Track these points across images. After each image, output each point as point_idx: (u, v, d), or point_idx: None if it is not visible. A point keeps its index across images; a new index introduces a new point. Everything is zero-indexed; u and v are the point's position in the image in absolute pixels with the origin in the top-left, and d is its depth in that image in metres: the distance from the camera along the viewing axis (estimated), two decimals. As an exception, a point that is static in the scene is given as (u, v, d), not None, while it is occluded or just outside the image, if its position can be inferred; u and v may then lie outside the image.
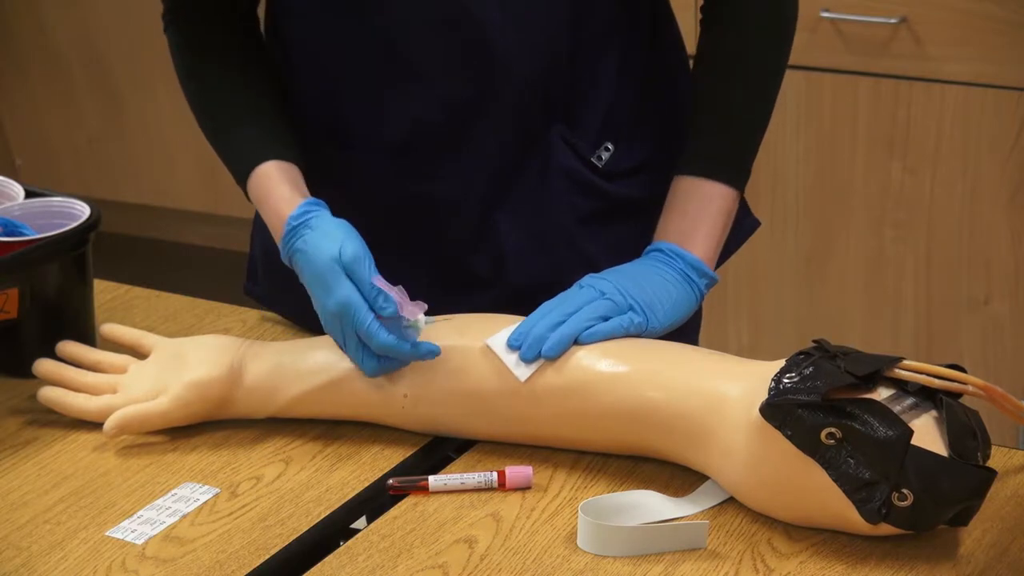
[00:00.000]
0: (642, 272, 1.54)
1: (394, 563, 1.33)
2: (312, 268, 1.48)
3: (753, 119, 1.61)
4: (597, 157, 1.62)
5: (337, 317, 1.46)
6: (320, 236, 1.48)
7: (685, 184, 1.59)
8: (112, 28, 4.11)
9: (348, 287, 1.45)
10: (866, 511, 1.29)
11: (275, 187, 1.55)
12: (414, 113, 1.58)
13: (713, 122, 1.60)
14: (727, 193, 1.59)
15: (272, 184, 1.55)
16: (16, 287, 1.60)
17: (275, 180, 1.55)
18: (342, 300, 1.44)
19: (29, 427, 1.57)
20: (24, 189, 1.73)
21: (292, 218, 1.51)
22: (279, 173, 1.56)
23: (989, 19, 2.75)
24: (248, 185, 1.58)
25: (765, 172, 2.99)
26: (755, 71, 1.61)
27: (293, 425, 1.54)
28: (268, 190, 1.55)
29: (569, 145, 1.60)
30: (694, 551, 1.33)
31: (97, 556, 1.36)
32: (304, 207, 1.51)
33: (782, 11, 1.61)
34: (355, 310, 1.44)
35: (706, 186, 1.58)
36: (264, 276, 1.74)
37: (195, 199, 4.21)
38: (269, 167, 1.56)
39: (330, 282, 1.45)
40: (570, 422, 1.45)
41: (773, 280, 3.06)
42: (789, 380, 1.32)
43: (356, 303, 1.44)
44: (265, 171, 1.56)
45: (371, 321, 1.43)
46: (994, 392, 1.36)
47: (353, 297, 1.44)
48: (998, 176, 2.81)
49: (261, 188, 1.56)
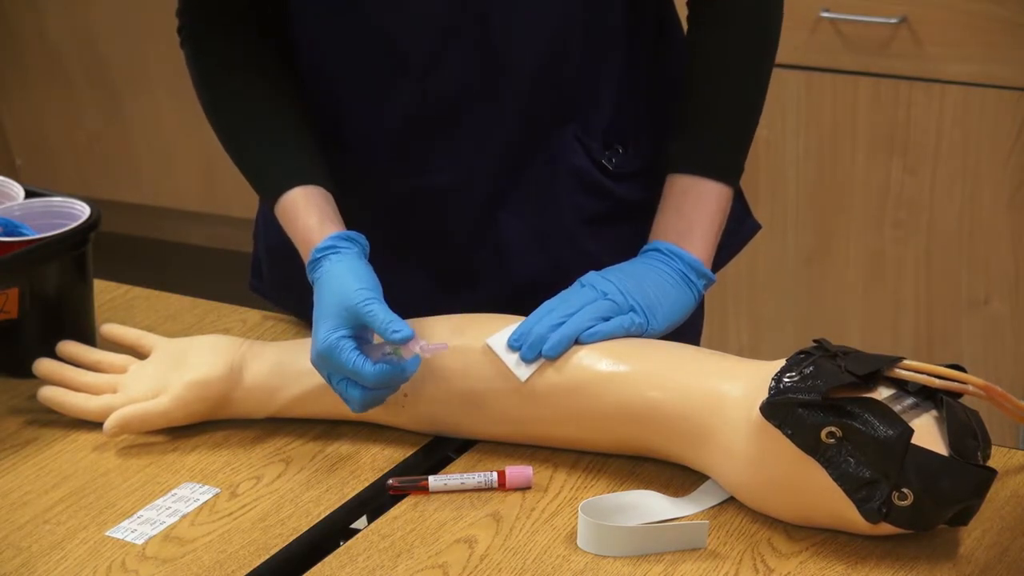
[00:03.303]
0: (642, 272, 1.54)
1: (394, 563, 1.33)
2: (317, 305, 1.46)
3: (745, 115, 1.62)
4: (608, 158, 1.62)
5: (321, 356, 1.44)
6: (331, 277, 1.47)
7: (680, 183, 1.59)
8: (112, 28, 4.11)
9: (336, 330, 1.43)
10: (866, 510, 1.29)
11: (302, 216, 1.53)
12: (411, 107, 1.57)
13: (705, 120, 1.60)
14: (722, 191, 1.59)
15: (299, 213, 1.53)
16: (16, 287, 1.60)
17: (302, 209, 1.53)
18: (330, 341, 1.43)
19: (29, 427, 1.57)
20: (24, 189, 1.73)
21: (316, 250, 1.50)
22: (305, 201, 1.54)
23: (989, 19, 2.75)
24: (276, 212, 1.56)
25: (765, 172, 2.99)
26: (745, 68, 1.61)
27: (293, 425, 1.54)
28: (295, 218, 1.54)
29: (582, 145, 1.60)
30: (694, 551, 1.33)
31: (97, 556, 1.36)
32: (330, 241, 1.49)
33: (768, 6, 1.61)
34: (339, 350, 1.42)
35: (701, 184, 1.58)
36: (268, 273, 1.74)
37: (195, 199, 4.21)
38: (296, 195, 1.54)
39: (323, 322, 1.44)
40: (570, 422, 1.45)
41: (773, 280, 3.06)
42: (789, 379, 1.32)
43: (340, 344, 1.42)
44: (292, 199, 1.54)
45: (356, 357, 1.42)
46: (994, 392, 1.36)
47: (338, 339, 1.43)
48: (998, 176, 2.81)
49: (288, 216, 1.54)
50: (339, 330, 1.43)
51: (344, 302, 1.43)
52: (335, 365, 1.43)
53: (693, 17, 1.61)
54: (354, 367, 1.41)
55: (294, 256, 1.54)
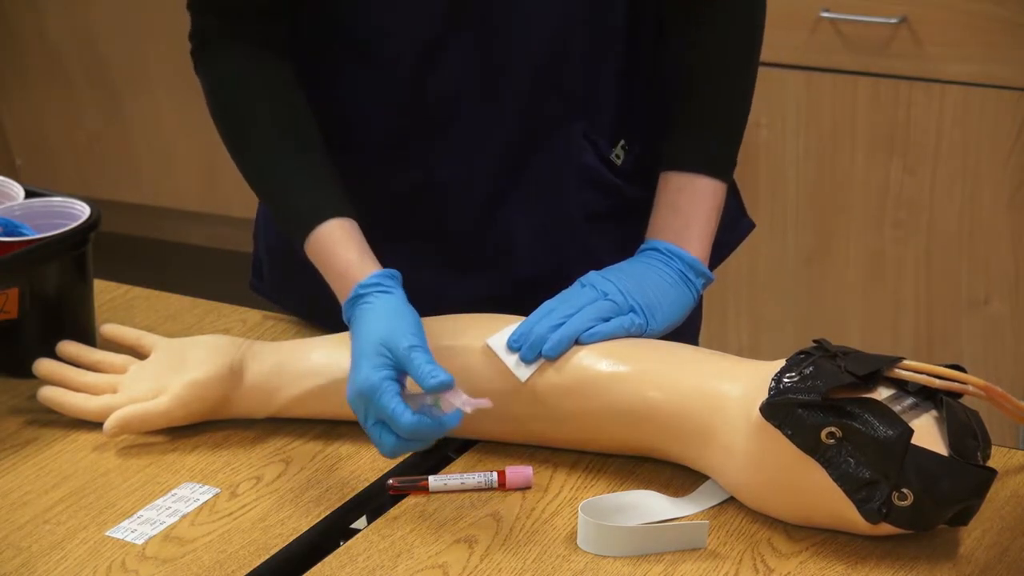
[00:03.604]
0: (642, 272, 1.54)
1: (394, 563, 1.33)
2: (358, 341, 1.42)
3: (736, 111, 1.63)
4: (615, 155, 1.62)
5: (362, 395, 1.38)
6: (377, 315, 1.43)
7: (675, 180, 1.59)
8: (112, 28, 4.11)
9: (380, 370, 1.38)
10: (866, 510, 1.29)
11: (341, 251, 1.48)
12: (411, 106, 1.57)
13: (697, 117, 1.60)
14: (717, 187, 1.59)
15: (337, 247, 1.49)
16: (16, 287, 1.60)
17: (340, 243, 1.49)
18: (371, 380, 1.37)
19: (29, 427, 1.57)
20: (24, 189, 1.73)
21: (360, 286, 1.45)
22: (342, 233, 1.49)
23: (989, 19, 2.75)
24: (310, 243, 1.50)
25: (765, 172, 2.99)
26: (734, 64, 1.62)
27: (293, 425, 1.54)
28: (333, 253, 1.49)
29: (590, 142, 1.60)
30: (694, 551, 1.33)
31: (97, 556, 1.36)
32: (376, 278, 1.45)
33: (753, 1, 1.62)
34: (381, 392, 1.37)
35: (696, 181, 1.59)
36: (269, 273, 1.74)
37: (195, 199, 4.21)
38: (332, 227, 1.49)
39: (366, 360, 1.40)
40: (570, 422, 1.45)
41: (773, 280, 3.06)
42: (789, 380, 1.32)
43: (383, 385, 1.37)
44: (328, 232, 1.49)
45: (396, 403, 1.36)
46: (994, 392, 1.36)
47: (381, 379, 1.38)
48: (998, 176, 2.81)
49: (325, 248, 1.49)
50: (383, 370, 1.38)
51: (389, 342, 1.39)
52: (374, 406, 1.37)
53: (680, 10, 1.61)
54: (393, 413, 1.36)
55: (295, 256, 1.54)
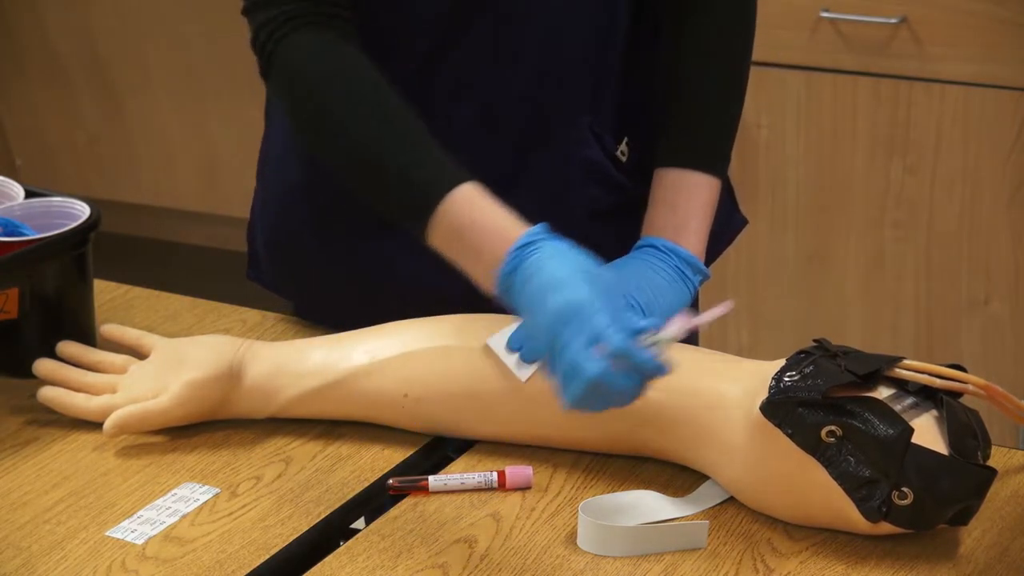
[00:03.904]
0: (642, 271, 1.54)
1: (394, 563, 1.33)
2: (548, 272, 1.31)
3: (728, 106, 1.63)
4: (620, 152, 1.62)
5: (561, 318, 1.27)
6: (566, 249, 1.34)
7: (671, 176, 1.60)
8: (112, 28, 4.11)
9: (586, 289, 1.27)
10: (866, 509, 1.29)
11: (489, 207, 1.39)
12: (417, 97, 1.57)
13: (690, 113, 1.61)
14: (712, 183, 1.60)
15: (485, 204, 1.40)
16: (16, 287, 1.60)
17: (485, 201, 1.40)
18: (578, 297, 1.27)
19: (29, 427, 1.57)
20: (24, 189, 1.73)
21: (530, 234, 1.35)
22: (481, 194, 1.40)
23: (989, 19, 2.75)
24: (441, 214, 1.39)
25: (765, 172, 2.99)
26: (725, 58, 1.62)
27: (293, 425, 1.54)
28: (481, 209, 1.40)
29: (596, 136, 1.60)
30: (694, 551, 1.33)
31: (97, 556, 1.36)
32: (544, 227, 1.37)
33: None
34: (591, 309, 1.25)
35: (692, 177, 1.59)
36: (269, 265, 1.73)
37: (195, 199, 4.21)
38: (468, 190, 1.40)
39: (567, 282, 1.29)
40: (570, 422, 1.44)
41: (773, 280, 3.06)
42: (789, 379, 1.32)
43: (593, 302, 1.26)
44: (467, 194, 1.40)
45: (608, 324, 1.24)
46: (994, 392, 1.36)
47: (591, 295, 1.27)
48: (998, 176, 2.81)
49: (467, 210, 1.39)
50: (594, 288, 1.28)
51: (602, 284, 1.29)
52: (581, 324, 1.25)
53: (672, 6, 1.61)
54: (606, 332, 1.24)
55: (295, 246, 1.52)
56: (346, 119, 1.44)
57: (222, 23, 3.89)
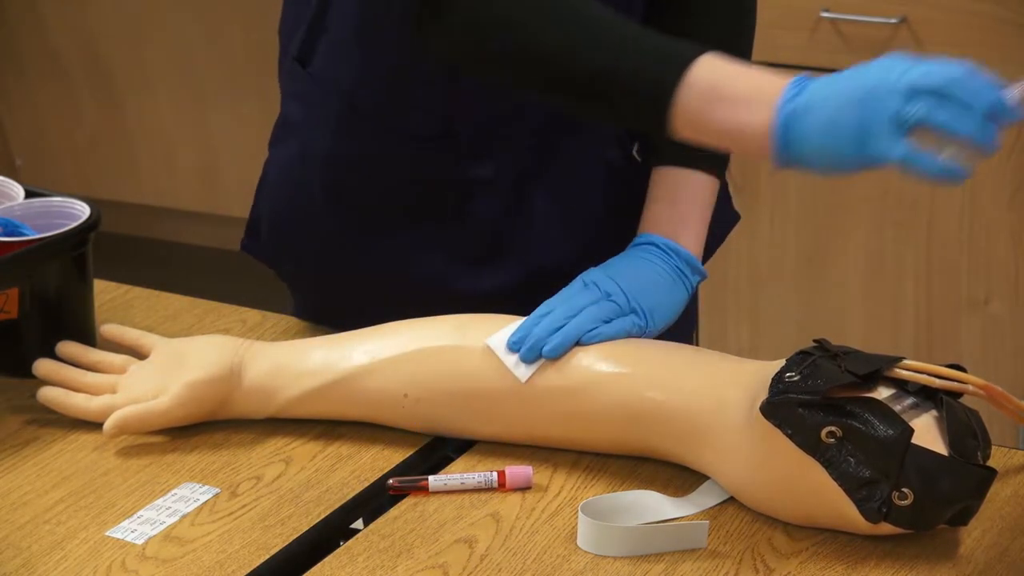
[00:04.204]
0: (642, 271, 1.54)
1: (394, 563, 1.33)
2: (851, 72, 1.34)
3: None
4: (636, 152, 1.63)
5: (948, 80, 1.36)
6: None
7: (672, 174, 1.60)
8: (112, 28, 4.11)
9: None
10: (866, 510, 1.29)
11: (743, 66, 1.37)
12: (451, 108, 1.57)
13: None
14: (712, 182, 1.61)
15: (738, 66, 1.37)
16: (16, 287, 1.60)
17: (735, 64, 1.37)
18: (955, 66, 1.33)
19: (29, 427, 1.57)
20: (24, 189, 1.73)
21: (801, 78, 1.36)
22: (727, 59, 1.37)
23: (989, 19, 2.75)
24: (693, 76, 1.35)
25: (765, 172, 2.98)
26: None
27: (293, 425, 1.54)
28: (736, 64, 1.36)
29: (616, 137, 1.61)
30: (694, 551, 1.33)
31: (97, 556, 1.36)
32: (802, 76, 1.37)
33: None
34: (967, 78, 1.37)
35: (692, 176, 1.60)
36: (268, 234, 1.72)
37: (195, 199, 4.21)
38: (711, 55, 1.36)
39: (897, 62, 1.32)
40: (570, 422, 1.45)
41: (773, 280, 3.06)
42: (789, 379, 1.32)
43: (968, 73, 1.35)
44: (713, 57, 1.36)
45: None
46: (994, 392, 1.36)
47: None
48: (998, 176, 2.81)
49: (720, 66, 1.36)
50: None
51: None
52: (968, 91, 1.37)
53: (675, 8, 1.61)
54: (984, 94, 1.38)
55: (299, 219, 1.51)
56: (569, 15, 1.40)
57: (222, 23, 3.90)
